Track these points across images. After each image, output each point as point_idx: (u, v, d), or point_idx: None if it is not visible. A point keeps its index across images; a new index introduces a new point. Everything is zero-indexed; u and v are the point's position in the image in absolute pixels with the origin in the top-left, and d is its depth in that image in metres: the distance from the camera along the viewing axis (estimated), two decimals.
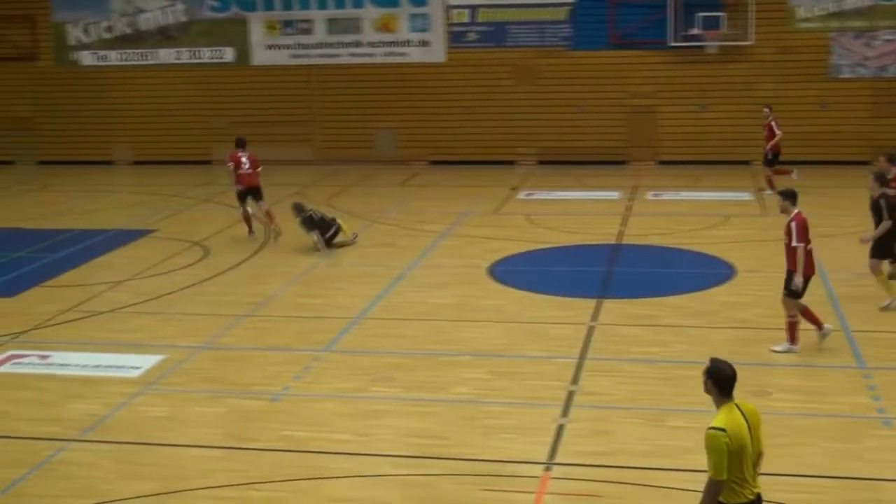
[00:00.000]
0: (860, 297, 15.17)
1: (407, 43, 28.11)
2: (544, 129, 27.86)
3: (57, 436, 10.99)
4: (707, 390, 7.03)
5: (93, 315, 15.34)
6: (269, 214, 19.88)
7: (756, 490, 6.89)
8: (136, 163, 29.38)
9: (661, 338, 13.62)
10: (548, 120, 27.79)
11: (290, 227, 19.43)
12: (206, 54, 29.04)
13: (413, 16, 27.95)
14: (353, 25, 28.25)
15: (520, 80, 27.75)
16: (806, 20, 26.37)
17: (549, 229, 20.19)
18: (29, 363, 13.25)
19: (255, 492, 9.52)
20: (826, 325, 13.02)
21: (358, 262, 17.86)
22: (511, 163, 27.81)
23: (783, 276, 12.78)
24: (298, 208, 19.06)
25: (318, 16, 28.31)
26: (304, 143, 28.92)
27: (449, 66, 28.01)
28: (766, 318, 14.27)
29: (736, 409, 6.89)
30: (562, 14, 27.27)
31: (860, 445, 10.27)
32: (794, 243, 12.54)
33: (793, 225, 12.56)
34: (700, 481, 9.53)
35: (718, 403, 6.94)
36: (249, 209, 19.88)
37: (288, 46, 28.62)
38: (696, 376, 12.01)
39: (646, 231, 19.72)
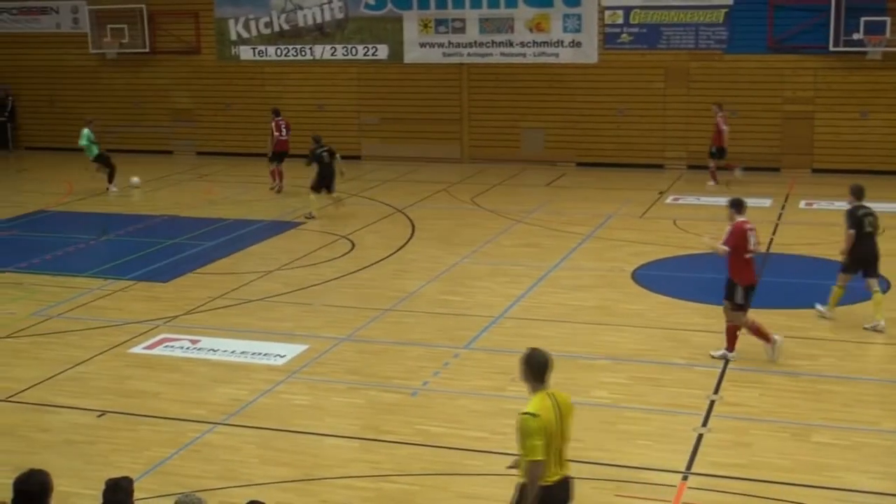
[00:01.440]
0: None
1: (559, 43, 28.00)
2: (695, 133, 27.37)
3: (203, 418, 11.36)
4: (523, 377, 7.50)
5: (242, 303, 15.77)
6: (281, 174, 24.77)
7: (562, 473, 7.41)
8: (290, 156, 30.03)
9: (807, 351, 13.25)
10: (699, 124, 27.29)
11: (433, 225, 19.57)
12: (361, 51, 29.51)
13: (566, 16, 27.82)
14: (505, 25, 28.29)
15: (672, 84, 27.34)
16: None
17: (696, 235, 19.81)
18: (180, 347, 13.73)
19: (389, 483, 9.65)
20: (775, 337, 12.62)
21: (500, 261, 17.90)
22: (660, 166, 27.43)
23: None
24: (317, 139, 22.25)
25: (471, 15, 28.45)
26: (452, 141, 29.12)
27: (600, 68, 27.79)
28: None
29: (549, 397, 7.39)
30: (718, 16, 26.76)
31: None
32: (720, 244, 12.60)
33: (727, 229, 12.56)
34: (846, 500, 9.29)
35: (533, 390, 7.43)
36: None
37: (440, 45, 28.85)
38: (843, 392, 11.73)
39: (796, 240, 19.20)
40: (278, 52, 30.18)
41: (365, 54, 29.48)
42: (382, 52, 29.32)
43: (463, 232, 20.29)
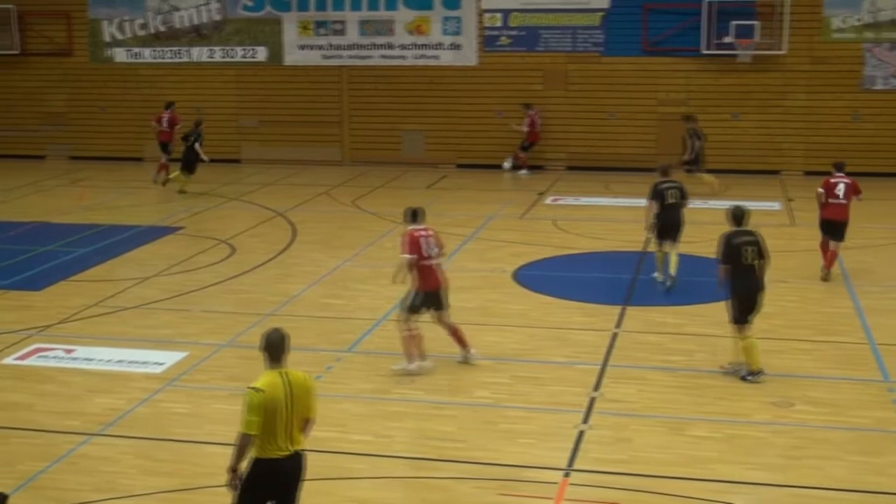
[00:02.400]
0: (887, 309, 15.05)
1: (439, 46, 28.13)
2: (574, 134, 27.81)
3: (79, 430, 11.07)
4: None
5: (119, 310, 15.43)
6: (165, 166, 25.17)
7: (293, 448, 7.71)
8: (173, 160, 29.54)
9: (684, 346, 13.56)
10: (578, 126, 27.74)
11: (314, 228, 19.44)
12: (239, 53, 29.17)
13: (446, 19, 27.95)
14: (385, 27, 28.30)
15: (550, 86, 27.71)
16: (840, 31, 26.18)
17: (575, 235, 20.14)
18: (54, 356, 13.35)
19: None
20: (472, 351, 12.85)
21: (383, 264, 17.85)
22: (539, 168, 27.75)
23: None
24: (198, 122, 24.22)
25: (351, 17, 28.37)
26: (333, 143, 29.00)
27: (480, 70, 28.00)
28: (789, 329, 14.22)
29: (280, 375, 7.70)
30: (595, 20, 27.21)
31: (883, 460, 10.17)
32: (400, 255, 12.43)
33: (402, 239, 12.53)
34: (722, 491, 9.52)
35: (267, 367, 7.77)
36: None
37: (320, 47, 28.70)
38: (719, 386, 12.04)
39: None
40: (154, 54, 29.63)
41: (243, 56, 29.15)
42: (261, 54, 29.04)
43: (345, 235, 20.21)
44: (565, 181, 26.35)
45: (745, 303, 12.14)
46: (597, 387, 12.14)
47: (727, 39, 26.08)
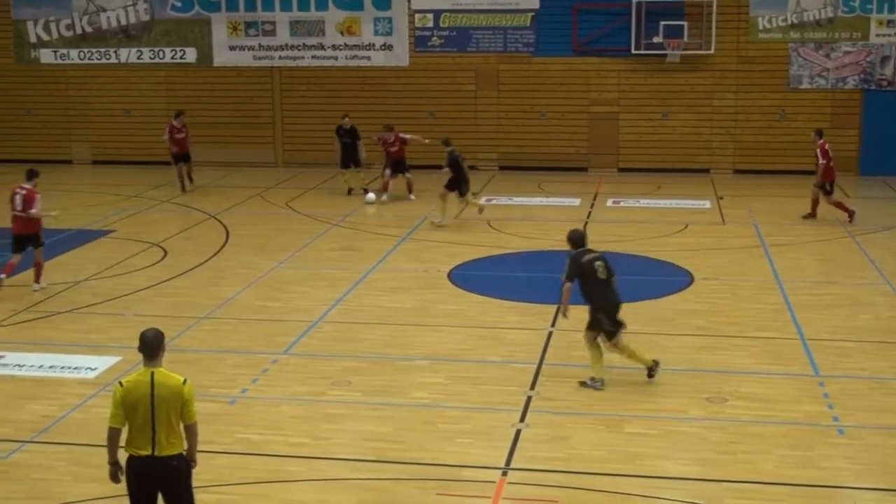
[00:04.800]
0: (816, 305, 15.34)
1: (371, 46, 28.09)
2: (506, 134, 27.94)
3: (10, 437, 10.87)
4: None
5: (49, 315, 15.19)
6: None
7: (155, 451, 7.72)
8: (96, 162, 29.14)
9: None
10: (510, 126, 27.88)
11: (248, 230, 19.31)
12: (168, 54, 28.86)
13: (377, 19, 27.92)
14: (316, 28, 28.18)
15: (482, 86, 27.81)
16: (767, 31, 26.62)
17: (509, 235, 20.24)
18: None
19: (209, 494, 9.45)
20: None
21: (317, 266, 17.81)
22: (472, 168, 27.80)
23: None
24: None
25: (281, 17, 28.21)
26: (266, 145, 28.82)
27: (412, 71, 28.02)
28: (722, 325, 14.43)
29: (150, 375, 7.78)
30: (525, 20, 27.36)
31: (814, 453, 10.37)
32: None
33: None
34: (658, 487, 9.64)
35: (143, 365, 7.86)
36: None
37: (251, 48, 28.50)
38: (654, 383, 12.16)
39: (605, 238, 19.72)
40: (81, 55, 29.17)
41: (173, 57, 28.83)
42: (191, 55, 28.75)
43: (279, 237, 20.10)
44: (498, 181, 26.46)
45: (611, 315, 12.07)
46: (533, 385, 12.21)
47: (656, 39, 26.39)
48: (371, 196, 23.35)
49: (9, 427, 11.13)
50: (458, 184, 20.93)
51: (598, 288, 12.07)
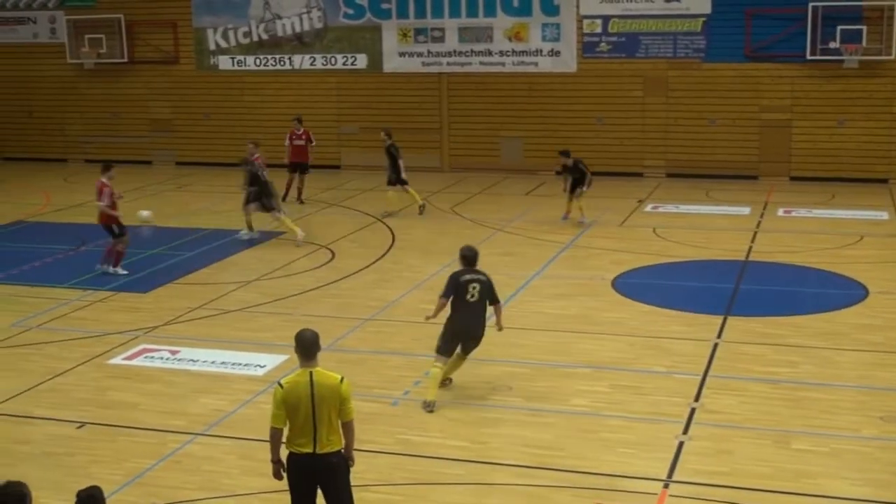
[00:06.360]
0: None
1: (538, 52, 28.09)
2: (674, 141, 27.52)
3: (183, 429, 11.31)
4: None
5: (221, 313, 15.72)
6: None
7: (317, 449, 7.86)
8: (268, 165, 29.98)
9: (787, 358, 13.31)
10: (678, 132, 27.44)
11: (413, 234, 19.54)
12: (340, 60, 29.52)
13: (545, 25, 27.91)
14: (484, 34, 28.36)
15: (650, 92, 27.47)
16: None
17: (675, 243, 19.92)
18: (160, 357, 13.67)
19: (370, 493, 9.62)
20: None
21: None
22: (639, 175, 27.53)
23: None
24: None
25: (450, 24, 28.50)
26: (432, 150, 29.14)
27: (579, 77, 27.89)
28: None
29: (309, 375, 7.92)
30: (696, 25, 26.89)
31: None
32: None
33: None
34: None
35: (300, 365, 8.02)
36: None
37: (419, 54, 28.88)
38: (823, 399, 11.79)
39: (775, 248, 19.29)
40: (257, 61, 30.14)
41: (344, 64, 29.48)
42: (361, 61, 29.33)
43: (443, 241, 20.29)
44: (665, 188, 26.08)
45: (456, 336, 11.82)
46: (697, 397, 11.99)
47: (833, 45, 25.55)
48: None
49: (183, 419, 11.58)
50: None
51: (463, 309, 11.77)
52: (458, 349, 12.01)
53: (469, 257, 11.96)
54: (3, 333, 14.81)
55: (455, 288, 11.79)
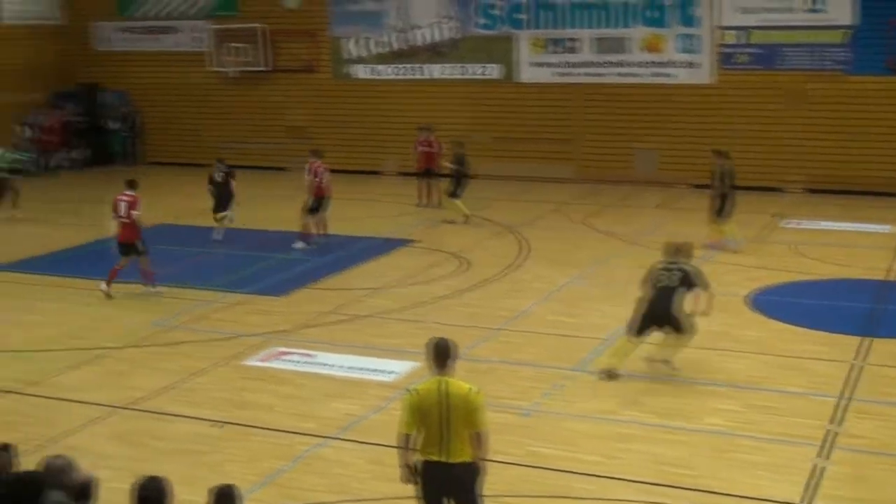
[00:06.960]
0: None
1: (674, 64, 27.73)
2: (814, 155, 26.79)
3: (315, 432, 11.49)
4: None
5: (353, 319, 15.93)
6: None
7: (448, 458, 7.86)
8: (402, 174, 30.29)
9: None
10: (818, 146, 26.72)
11: (544, 244, 19.45)
12: (474, 70, 29.64)
13: (681, 36, 27.54)
14: (619, 45, 28.13)
15: (790, 105, 26.82)
16: None
17: (814, 260, 19.40)
18: (293, 360, 13.93)
19: None
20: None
21: (612, 283, 17.71)
22: (777, 190, 26.89)
23: None
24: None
25: (585, 35, 28.35)
26: (564, 160, 29.00)
27: (715, 88, 27.41)
28: None
29: (441, 383, 7.91)
30: (840, 37, 26.17)
31: None
32: None
33: None
34: None
35: (431, 373, 8.02)
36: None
37: (554, 65, 28.80)
38: None
39: None
40: (393, 70, 30.47)
41: (478, 73, 29.58)
42: (495, 71, 29.38)
43: (575, 252, 20.18)
44: (804, 203, 25.42)
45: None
46: (833, 420, 11.64)
47: None
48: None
49: (315, 423, 11.76)
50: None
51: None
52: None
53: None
54: (145, 332, 15.29)
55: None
